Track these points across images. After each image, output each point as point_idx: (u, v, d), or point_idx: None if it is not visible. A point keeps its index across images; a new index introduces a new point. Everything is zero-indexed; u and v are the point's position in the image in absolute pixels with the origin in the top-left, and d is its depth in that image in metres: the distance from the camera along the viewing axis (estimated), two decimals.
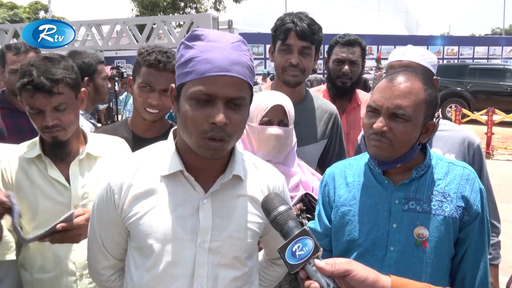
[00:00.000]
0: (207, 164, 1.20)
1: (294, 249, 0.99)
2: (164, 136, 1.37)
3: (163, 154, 1.23)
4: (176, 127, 1.25)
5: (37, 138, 1.71)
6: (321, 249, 1.00)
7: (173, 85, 1.18)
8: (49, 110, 1.58)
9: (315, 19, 2.12)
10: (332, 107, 2.26)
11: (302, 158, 1.98)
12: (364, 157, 1.54)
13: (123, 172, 1.22)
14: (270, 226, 1.31)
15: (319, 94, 2.64)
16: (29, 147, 1.70)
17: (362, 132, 2.11)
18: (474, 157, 1.90)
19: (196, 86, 1.08)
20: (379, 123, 1.35)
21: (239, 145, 1.80)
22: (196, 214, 1.18)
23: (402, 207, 1.40)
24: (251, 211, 1.25)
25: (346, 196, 1.50)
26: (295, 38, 2.02)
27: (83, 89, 1.72)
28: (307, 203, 1.79)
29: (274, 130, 1.73)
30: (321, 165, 2.19)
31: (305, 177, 1.86)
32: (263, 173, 1.32)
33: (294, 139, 1.85)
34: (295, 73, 2.06)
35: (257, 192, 1.27)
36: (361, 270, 1.01)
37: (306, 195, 1.80)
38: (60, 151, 1.68)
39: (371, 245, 1.42)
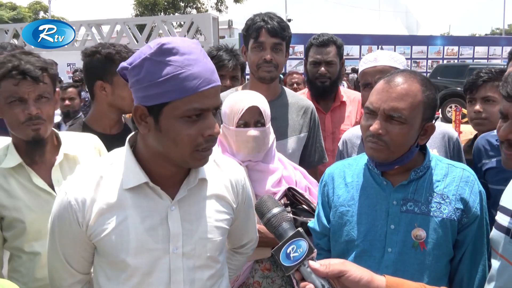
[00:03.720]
0: (173, 171, 1.19)
1: (288, 251, 0.99)
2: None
3: (123, 165, 1.18)
4: (131, 135, 1.23)
5: (7, 146, 1.61)
6: (315, 250, 1.01)
7: (139, 105, 1.10)
8: (33, 98, 1.53)
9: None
10: (308, 102, 2.31)
11: (283, 152, 2.00)
12: (364, 157, 1.53)
13: (84, 188, 1.16)
14: (235, 218, 1.34)
15: (303, 97, 2.65)
16: (1, 157, 1.58)
17: (342, 138, 2.11)
18: (454, 150, 1.94)
19: (189, 103, 1.06)
20: (375, 126, 1.35)
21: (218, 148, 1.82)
22: (165, 222, 1.18)
23: (400, 208, 1.40)
24: (218, 209, 1.27)
25: (345, 196, 1.50)
26: (267, 35, 2.11)
27: (57, 89, 1.69)
28: (291, 197, 1.80)
29: (251, 132, 1.74)
30: (301, 160, 2.22)
31: (287, 171, 1.87)
32: (225, 169, 1.33)
33: (272, 136, 1.87)
34: (270, 69, 2.13)
35: (222, 189, 1.29)
36: (355, 270, 1.02)
37: (290, 189, 1.81)
38: (38, 152, 1.60)
39: (368, 246, 1.42)
